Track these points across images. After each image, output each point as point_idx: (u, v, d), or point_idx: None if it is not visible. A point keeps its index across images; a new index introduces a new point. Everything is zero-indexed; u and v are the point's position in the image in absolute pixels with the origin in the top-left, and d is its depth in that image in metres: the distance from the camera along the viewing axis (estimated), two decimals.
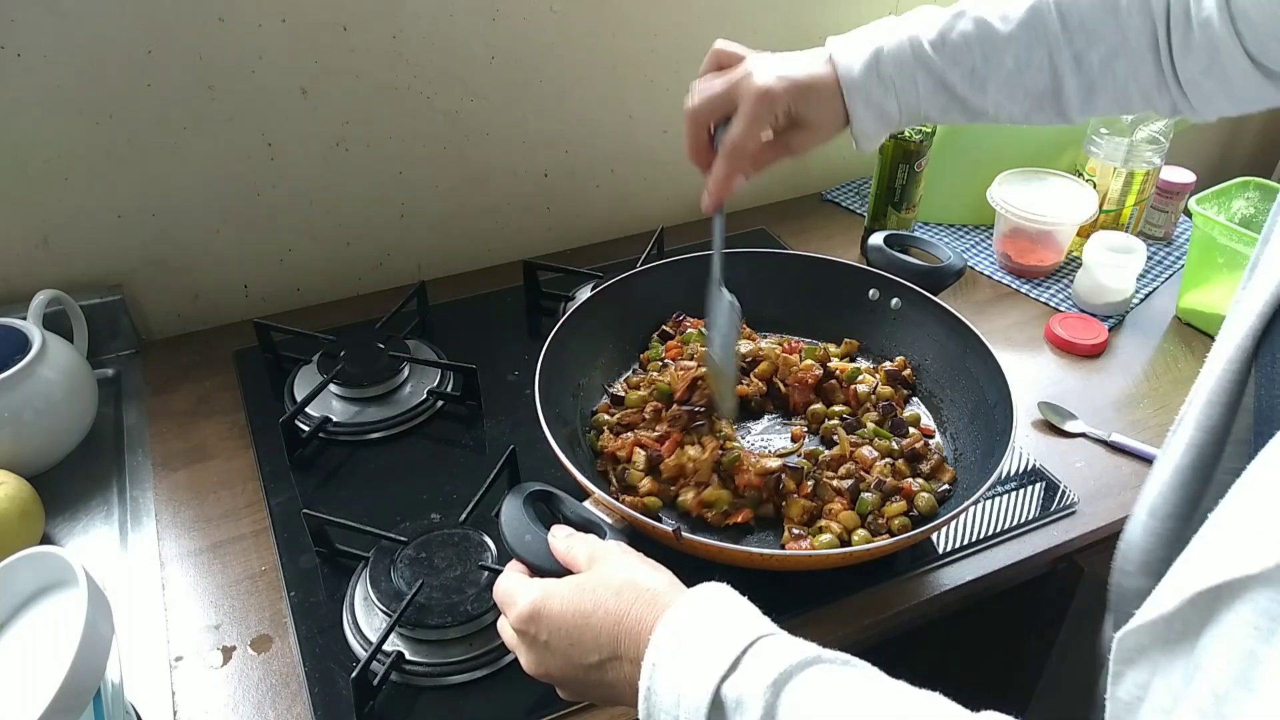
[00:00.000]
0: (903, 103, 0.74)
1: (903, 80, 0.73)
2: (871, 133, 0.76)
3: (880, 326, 0.98)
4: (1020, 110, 0.74)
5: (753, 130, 0.73)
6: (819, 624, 0.76)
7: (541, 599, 0.56)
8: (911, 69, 0.72)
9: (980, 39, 0.71)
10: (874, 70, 0.72)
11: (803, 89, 0.73)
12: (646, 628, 0.51)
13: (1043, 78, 0.71)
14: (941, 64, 0.72)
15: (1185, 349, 1.08)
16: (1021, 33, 0.70)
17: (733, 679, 0.46)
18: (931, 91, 0.73)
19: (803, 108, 0.73)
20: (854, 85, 0.73)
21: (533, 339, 1.06)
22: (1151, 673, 0.40)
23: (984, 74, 0.72)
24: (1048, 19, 0.69)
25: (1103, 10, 0.68)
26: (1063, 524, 0.85)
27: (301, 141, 1.05)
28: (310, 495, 0.88)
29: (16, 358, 0.85)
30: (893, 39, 0.73)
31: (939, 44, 0.72)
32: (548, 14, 1.09)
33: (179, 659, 0.74)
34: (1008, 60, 0.71)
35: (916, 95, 0.73)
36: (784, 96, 0.72)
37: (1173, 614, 0.38)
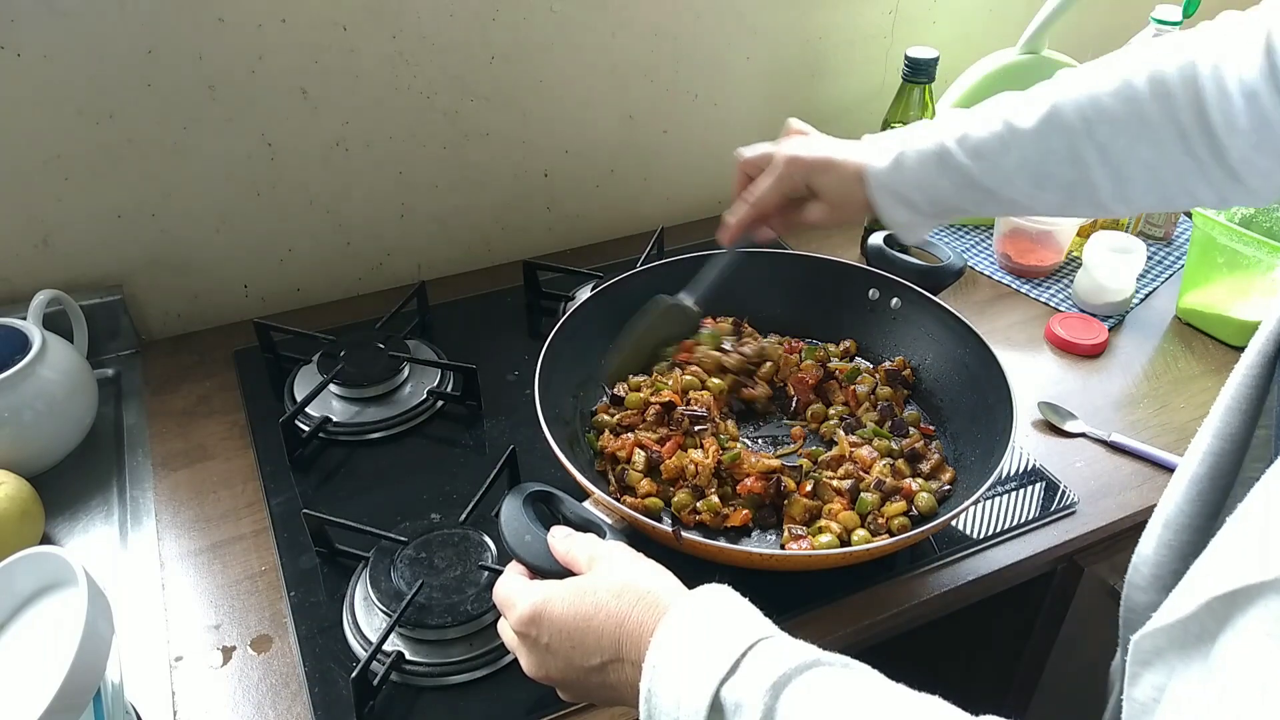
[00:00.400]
0: (929, 196, 0.77)
1: (925, 175, 0.76)
2: (904, 222, 0.80)
3: (880, 326, 0.98)
4: (1054, 202, 0.75)
5: (774, 187, 0.81)
6: (819, 624, 0.76)
7: (542, 602, 0.56)
8: (935, 165, 0.76)
9: (1003, 135, 0.73)
10: (898, 165, 0.77)
11: (824, 165, 0.80)
12: (647, 630, 0.51)
13: (1068, 169, 0.72)
14: (965, 160, 0.75)
15: (1185, 349, 1.08)
16: (1043, 126, 0.72)
17: (732, 682, 0.46)
18: (956, 186, 0.76)
19: (820, 181, 0.80)
20: (877, 175, 0.78)
21: (533, 339, 1.06)
22: (1168, 675, 0.40)
23: (1009, 168, 0.74)
24: (1066, 110, 0.71)
25: (1119, 100, 0.69)
26: (1063, 524, 0.85)
27: (301, 141, 1.05)
28: (310, 495, 0.88)
29: (16, 358, 0.85)
30: (918, 140, 0.77)
31: (963, 140, 0.75)
32: (548, 14, 1.09)
33: (179, 659, 0.74)
34: (1030, 153, 0.73)
35: (938, 189, 0.77)
36: (805, 167, 0.80)
37: (1189, 617, 0.38)
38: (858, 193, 0.79)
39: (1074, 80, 0.72)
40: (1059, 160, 0.72)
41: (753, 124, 1.31)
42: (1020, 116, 0.73)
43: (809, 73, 1.30)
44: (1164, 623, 0.40)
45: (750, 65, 1.25)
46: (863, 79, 1.35)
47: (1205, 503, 0.57)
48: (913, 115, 1.11)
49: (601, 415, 0.90)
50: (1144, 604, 0.62)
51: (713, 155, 1.31)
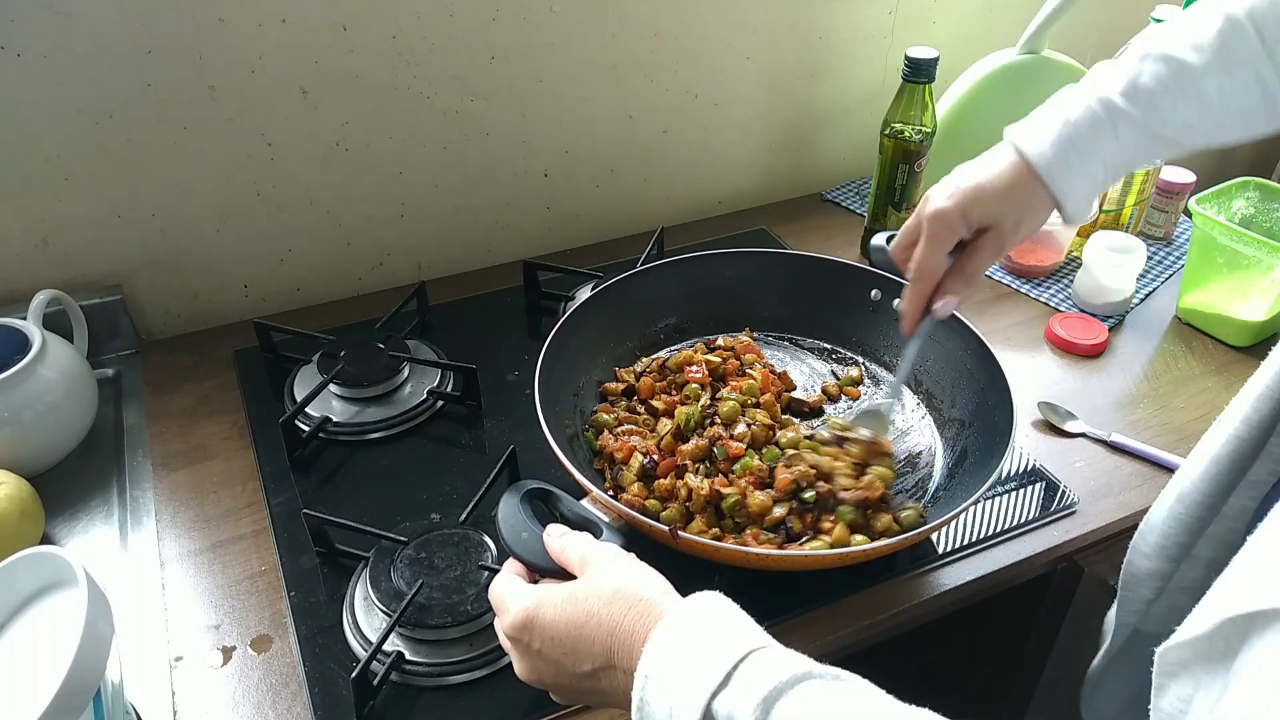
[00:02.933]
0: (1108, 162, 0.72)
1: (1101, 140, 0.71)
2: (1083, 201, 0.73)
3: (881, 327, 0.98)
4: (1234, 132, 0.71)
5: (930, 251, 0.75)
6: (819, 624, 0.76)
7: (534, 608, 0.56)
8: (1109, 127, 0.70)
9: (1175, 76, 0.68)
10: (1068, 143, 0.71)
11: (977, 193, 0.73)
12: (639, 639, 0.51)
13: (1252, 96, 0.68)
14: (1140, 113, 0.69)
15: (1185, 349, 1.08)
16: (1218, 59, 0.67)
17: (723, 695, 0.46)
18: (1136, 142, 0.71)
19: (978, 212, 0.73)
20: (1050, 165, 0.71)
21: (533, 339, 1.06)
22: (1194, 687, 0.41)
23: (1187, 110, 0.69)
24: (1245, 35, 0.66)
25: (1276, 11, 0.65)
26: (1063, 524, 0.85)
27: (301, 141, 1.05)
28: (310, 495, 0.88)
29: (16, 358, 0.85)
30: (1077, 107, 0.71)
31: (1131, 93, 0.69)
32: (548, 14, 1.09)
33: (179, 659, 0.74)
34: (1211, 90, 0.68)
35: (1121, 151, 0.71)
36: (955, 211, 0.73)
37: (1212, 633, 0.39)
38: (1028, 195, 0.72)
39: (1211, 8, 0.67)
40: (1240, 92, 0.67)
41: (753, 124, 1.31)
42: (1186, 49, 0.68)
43: (809, 73, 1.30)
44: (1187, 637, 0.41)
45: (750, 65, 1.25)
46: (863, 79, 1.35)
47: (1221, 481, 0.58)
48: (913, 115, 1.11)
49: (601, 414, 0.90)
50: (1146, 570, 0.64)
51: (713, 155, 1.31)
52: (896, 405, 0.85)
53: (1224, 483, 0.58)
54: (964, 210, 0.73)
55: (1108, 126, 0.70)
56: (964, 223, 0.73)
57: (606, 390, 0.94)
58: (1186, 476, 0.61)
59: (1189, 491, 0.60)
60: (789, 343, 1.02)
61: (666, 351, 0.99)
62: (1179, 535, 0.62)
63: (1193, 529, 0.61)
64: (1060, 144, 0.71)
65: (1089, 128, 0.70)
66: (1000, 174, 0.72)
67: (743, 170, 1.34)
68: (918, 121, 1.11)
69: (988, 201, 0.73)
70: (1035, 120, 0.73)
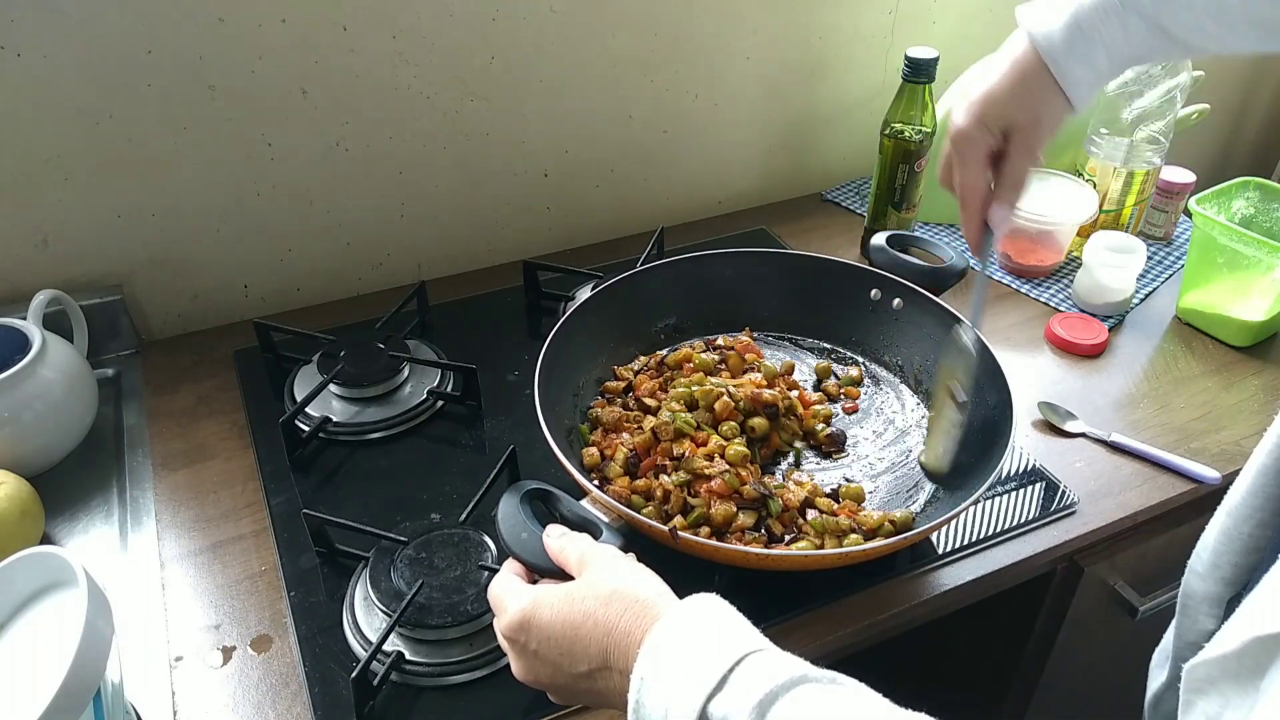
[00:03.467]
0: (1112, 53, 0.70)
1: (1110, 30, 0.69)
2: (1086, 91, 0.72)
3: (881, 327, 0.98)
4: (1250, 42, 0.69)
5: (966, 170, 0.75)
6: (819, 624, 0.76)
7: (531, 608, 0.56)
8: (1120, 16, 0.68)
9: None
10: (1076, 28, 0.69)
11: (987, 103, 0.73)
12: (635, 640, 0.51)
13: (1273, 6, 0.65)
14: (1153, 6, 0.67)
15: (1185, 349, 1.08)
16: None
17: (719, 698, 0.46)
18: (1144, 35, 0.69)
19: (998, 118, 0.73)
20: (1057, 50, 0.70)
21: (533, 339, 1.06)
22: (1223, 705, 0.40)
23: (1202, 10, 0.67)
24: None
25: None
26: (1063, 524, 0.85)
27: (301, 141, 1.05)
28: (310, 495, 0.88)
29: (16, 358, 0.85)
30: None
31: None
32: (548, 14, 1.09)
33: (179, 659, 0.74)
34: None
35: (1127, 42, 0.70)
36: (973, 125, 0.73)
37: (1240, 651, 0.38)
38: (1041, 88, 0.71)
39: None
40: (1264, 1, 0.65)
41: (753, 124, 1.31)
42: None
43: (809, 73, 1.30)
44: (1214, 654, 0.40)
45: (750, 65, 1.25)
46: (863, 79, 1.35)
47: (1269, 496, 0.54)
48: (913, 115, 1.11)
49: (597, 410, 0.90)
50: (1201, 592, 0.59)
51: (713, 155, 1.31)
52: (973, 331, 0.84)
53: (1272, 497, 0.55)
54: (982, 121, 0.73)
55: (1118, 14, 0.68)
56: (985, 133, 0.73)
57: (607, 389, 0.94)
58: (1237, 491, 0.57)
59: (1238, 507, 0.56)
60: (789, 343, 1.02)
61: (667, 350, 0.99)
62: (1231, 555, 0.57)
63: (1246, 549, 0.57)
64: (1068, 28, 0.69)
65: (1099, 14, 0.69)
66: (1008, 74, 0.72)
67: (743, 170, 1.34)
68: (918, 121, 1.11)
69: (1001, 105, 0.72)
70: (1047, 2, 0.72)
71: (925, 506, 0.83)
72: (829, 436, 0.90)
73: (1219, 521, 0.59)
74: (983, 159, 0.75)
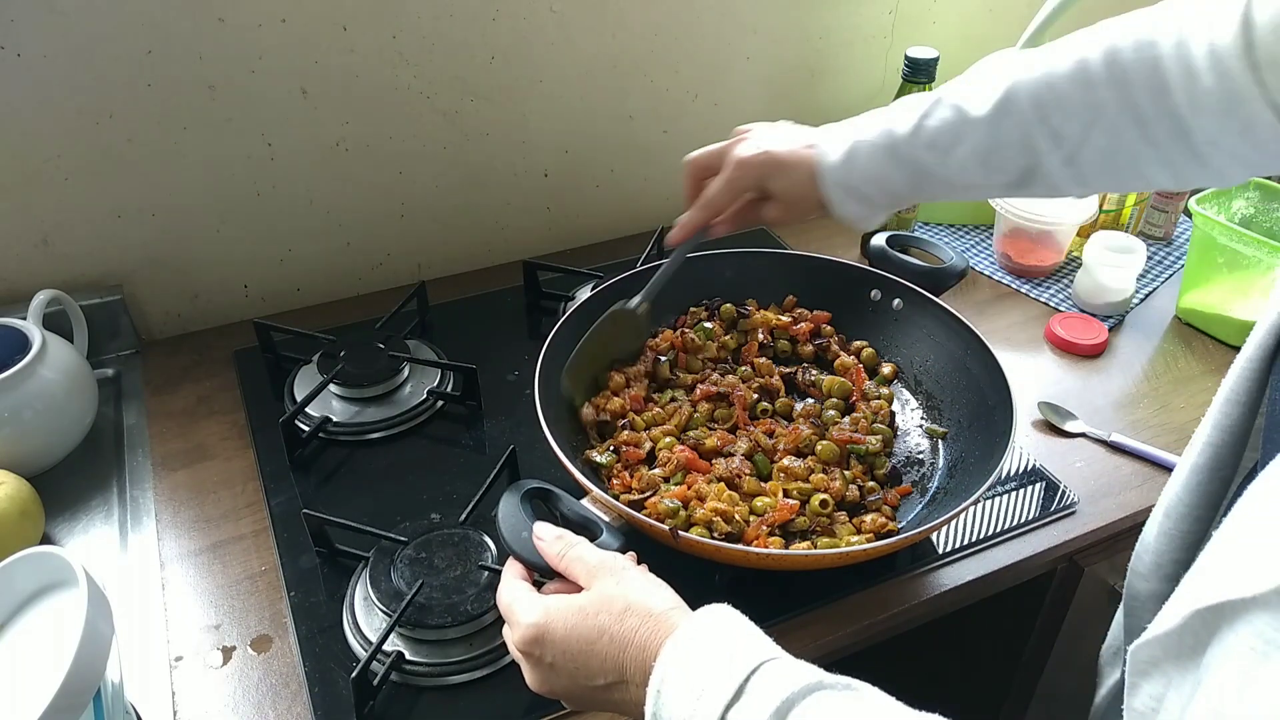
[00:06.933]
0: (882, 188, 0.76)
1: (877, 169, 0.75)
2: (856, 215, 0.79)
3: (881, 327, 0.98)
4: (1006, 185, 0.74)
5: (723, 191, 0.80)
6: (819, 624, 0.76)
7: (545, 623, 0.56)
8: (885, 158, 0.75)
9: (955, 123, 0.72)
10: (850, 160, 0.76)
11: (777, 165, 0.78)
12: (651, 653, 0.51)
13: (1021, 156, 0.71)
14: (915, 152, 0.74)
15: (1185, 349, 1.08)
16: (995, 113, 0.70)
17: (737, 707, 0.46)
18: (908, 177, 0.75)
19: (773, 182, 0.79)
20: (829, 172, 0.77)
21: (533, 339, 1.06)
22: (1165, 685, 0.41)
23: (961, 156, 0.72)
24: (1020, 98, 0.69)
25: (1073, 85, 0.67)
26: (1063, 524, 0.85)
27: (301, 141, 1.05)
28: (310, 495, 0.88)
29: (16, 358, 0.85)
30: (871, 130, 0.75)
31: (916, 132, 0.73)
32: (548, 14, 1.09)
33: (179, 659, 0.74)
34: (983, 141, 0.71)
35: (893, 182, 0.76)
36: (756, 168, 0.78)
37: (1181, 628, 0.39)
38: (811, 192, 0.78)
39: (1030, 61, 0.70)
40: (1012, 148, 0.71)
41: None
42: (973, 103, 0.71)
43: (809, 73, 1.30)
44: (1157, 633, 0.41)
45: (750, 65, 1.25)
46: (863, 79, 1.35)
47: (1205, 493, 0.57)
48: None
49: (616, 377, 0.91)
50: (1146, 592, 0.62)
51: None
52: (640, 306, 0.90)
53: (1207, 493, 0.57)
54: (764, 174, 0.79)
55: (888, 161, 0.75)
56: (757, 183, 0.79)
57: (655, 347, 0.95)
58: (1172, 490, 0.60)
59: (1175, 506, 0.59)
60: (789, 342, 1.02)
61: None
62: (1173, 552, 0.59)
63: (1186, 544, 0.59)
64: (845, 164, 0.76)
65: (869, 157, 0.75)
66: (799, 164, 0.78)
67: None
68: None
69: (784, 178, 0.78)
70: (840, 127, 0.78)
71: (925, 506, 0.83)
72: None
73: (1157, 522, 0.60)
74: (743, 193, 0.81)
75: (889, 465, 0.85)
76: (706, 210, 0.82)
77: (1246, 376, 0.53)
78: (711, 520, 0.76)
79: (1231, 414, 0.54)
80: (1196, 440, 0.57)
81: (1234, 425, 0.54)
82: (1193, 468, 0.57)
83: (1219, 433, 0.55)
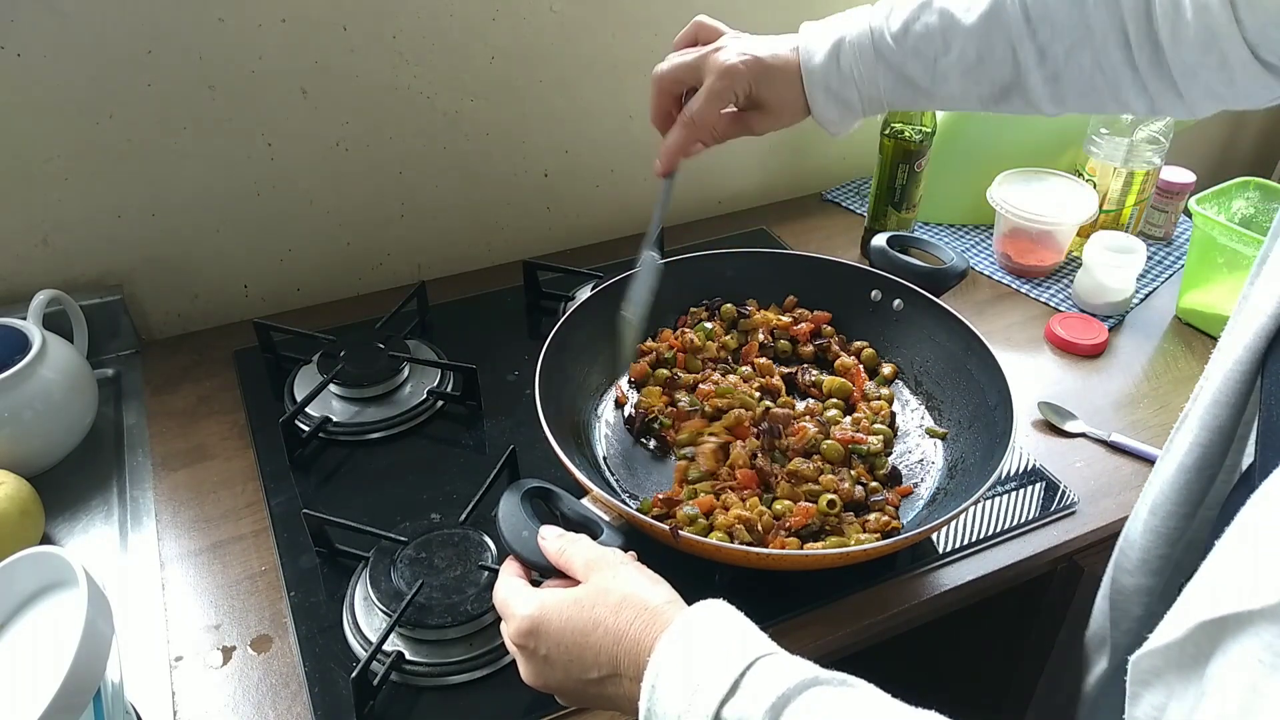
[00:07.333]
0: (863, 92, 0.73)
1: (862, 71, 0.72)
2: (835, 119, 0.75)
3: (881, 328, 0.98)
4: (985, 98, 0.72)
5: (712, 104, 0.74)
6: (819, 624, 0.76)
7: (540, 615, 0.56)
8: (871, 61, 0.72)
9: (943, 30, 0.70)
10: (834, 60, 0.72)
11: (764, 70, 0.73)
12: (645, 647, 0.51)
13: (1005, 69, 0.69)
14: (901, 56, 0.71)
15: (1185, 349, 1.08)
16: (983, 24, 0.68)
17: (732, 702, 0.46)
18: (892, 83, 0.73)
19: (762, 89, 0.74)
20: (813, 73, 0.73)
21: (533, 339, 1.06)
22: (1168, 695, 0.41)
23: (945, 65, 0.70)
24: (1011, 10, 0.67)
25: (1064, 2, 0.66)
26: (1063, 524, 0.85)
27: (301, 141, 1.05)
28: (310, 495, 0.88)
29: (16, 358, 0.85)
30: (856, 29, 0.72)
31: (901, 36, 0.71)
32: (548, 14, 1.09)
33: (179, 659, 0.74)
34: (969, 51, 0.69)
35: (876, 86, 0.73)
36: (745, 75, 0.73)
37: (1184, 639, 0.39)
38: (799, 96, 0.74)
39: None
40: (997, 60, 0.69)
41: None
42: (961, 10, 0.69)
43: None
44: (1159, 644, 0.41)
45: None
46: None
47: (1191, 490, 0.58)
48: (913, 115, 1.11)
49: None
50: (1132, 586, 0.63)
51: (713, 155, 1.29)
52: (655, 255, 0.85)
53: (1193, 491, 0.58)
54: (753, 80, 0.73)
55: (870, 61, 0.72)
56: (745, 92, 0.74)
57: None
58: (1156, 488, 0.61)
59: (1161, 504, 0.59)
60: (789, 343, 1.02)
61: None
62: (1158, 548, 0.60)
63: (1170, 540, 0.60)
64: (828, 59, 0.72)
65: (854, 56, 0.72)
66: (782, 60, 0.74)
67: (743, 170, 1.34)
68: (918, 121, 1.11)
69: (772, 84, 0.74)
70: (824, 25, 0.74)
71: (925, 506, 0.83)
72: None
73: (1142, 520, 0.61)
74: (728, 104, 0.75)
75: (889, 465, 0.85)
76: (691, 128, 0.76)
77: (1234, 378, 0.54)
78: (733, 527, 0.76)
79: (1220, 415, 0.55)
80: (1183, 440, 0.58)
81: (1222, 426, 0.55)
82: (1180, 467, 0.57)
83: (1207, 433, 0.56)
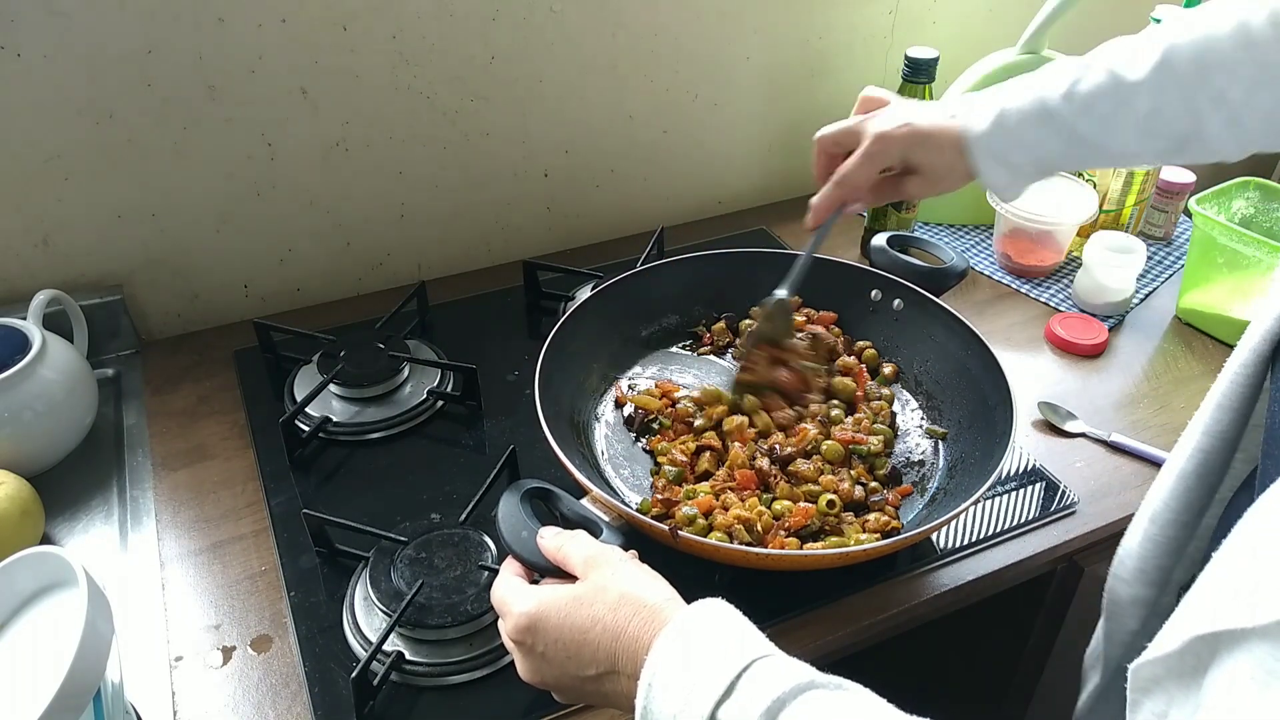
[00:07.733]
0: (1033, 155, 0.74)
1: (1029, 134, 0.73)
2: (1004, 184, 0.77)
3: (882, 328, 0.98)
4: (1163, 152, 0.73)
5: (863, 166, 0.78)
6: (819, 624, 0.76)
7: (537, 612, 0.56)
8: (1038, 123, 0.72)
9: (1112, 87, 0.70)
10: (999, 129, 0.73)
11: (920, 137, 0.76)
12: (643, 645, 0.51)
13: (1182, 121, 0.69)
14: (1071, 116, 0.71)
15: (1185, 349, 1.08)
16: (1154, 76, 0.68)
17: (728, 705, 0.46)
18: (1063, 144, 0.73)
19: (917, 155, 0.77)
20: (978, 140, 0.74)
21: (533, 339, 1.06)
22: (1168, 703, 0.41)
23: (1117, 122, 0.71)
24: (1180, 59, 0.67)
25: (1235, 45, 0.66)
26: (1062, 524, 0.85)
27: (301, 141, 1.05)
28: (310, 495, 0.88)
29: (16, 358, 0.85)
30: (1018, 98, 0.73)
31: (1069, 96, 0.71)
32: (548, 14, 1.09)
33: (179, 659, 0.74)
34: (1141, 106, 0.69)
35: (1045, 147, 0.74)
36: (899, 141, 0.76)
37: (1182, 650, 0.39)
38: (957, 163, 0.76)
39: (1185, 23, 0.69)
40: (1173, 113, 0.69)
41: (753, 124, 1.31)
42: (1129, 67, 0.69)
43: (809, 73, 1.30)
44: (1158, 654, 0.41)
45: (750, 65, 1.25)
46: (863, 79, 1.35)
47: (1192, 499, 0.57)
48: None
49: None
50: (1128, 597, 0.62)
51: (713, 155, 1.31)
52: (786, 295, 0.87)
53: (1194, 499, 0.57)
54: (907, 147, 0.76)
55: (1040, 126, 0.73)
56: (900, 157, 0.77)
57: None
58: (1158, 496, 0.60)
59: (1161, 512, 0.59)
60: None
61: None
62: (1156, 558, 0.60)
63: (1170, 550, 0.59)
64: (994, 131, 0.74)
65: (1019, 123, 0.73)
66: (943, 134, 0.75)
67: (742, 170, 1.34)
68: None
69: (928, 150, 0.76)
70: (980, 98, 0.76)
71: (925, 506, 0.83)
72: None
73: (1141, 529, 0.60)
74: (882, 168, 0.79)
75: (889, 465, 0.85)
76: (843, 188, 0.79)
77: (1239, 382, 0.53)
78: (732, 527, 0.76)
79: (1222, 420, 0.54)
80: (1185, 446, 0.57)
81: (1224, 431, 0.55)
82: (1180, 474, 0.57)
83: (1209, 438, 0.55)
